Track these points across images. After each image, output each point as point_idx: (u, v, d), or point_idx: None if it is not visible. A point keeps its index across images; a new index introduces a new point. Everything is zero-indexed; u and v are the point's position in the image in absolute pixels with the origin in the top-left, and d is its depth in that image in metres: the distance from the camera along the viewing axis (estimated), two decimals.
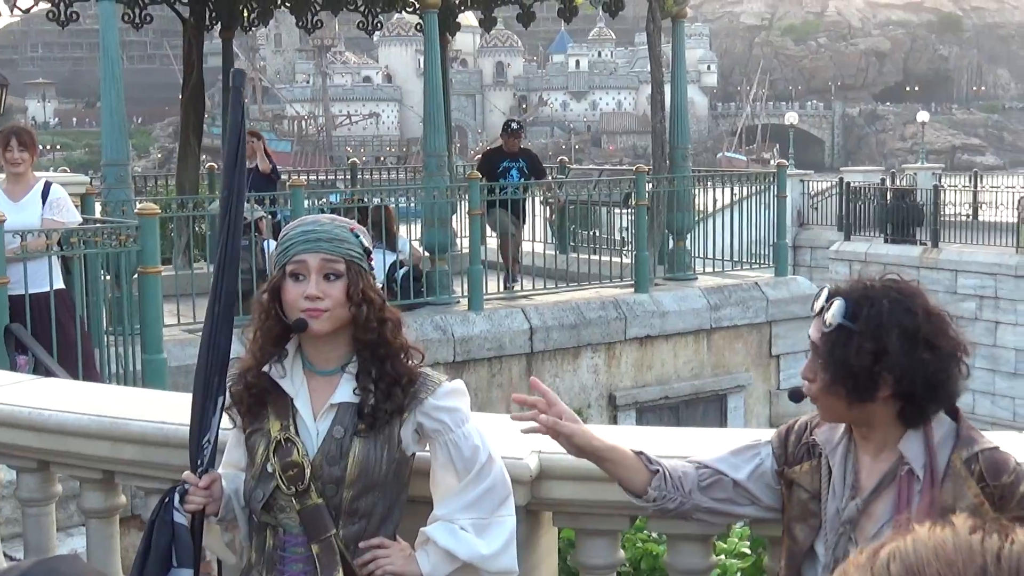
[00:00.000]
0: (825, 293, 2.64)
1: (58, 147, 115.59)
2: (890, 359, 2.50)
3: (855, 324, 2.54)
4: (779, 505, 2.86)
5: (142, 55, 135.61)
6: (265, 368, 3.00)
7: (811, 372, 2.62)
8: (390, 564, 2.97)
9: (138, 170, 49.93)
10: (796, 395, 2.74)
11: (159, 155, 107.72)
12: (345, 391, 2.97)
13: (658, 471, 2.89)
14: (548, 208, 15.66)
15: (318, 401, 3.00)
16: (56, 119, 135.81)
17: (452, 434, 3.00)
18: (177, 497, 3.01)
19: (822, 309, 2.58)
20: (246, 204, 12.54)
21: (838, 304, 2.56)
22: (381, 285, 6.15)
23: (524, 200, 13.92)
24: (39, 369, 8.18)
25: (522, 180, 13.67)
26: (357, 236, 3.01)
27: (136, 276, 9.37)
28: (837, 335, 2.55)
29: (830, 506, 2.70)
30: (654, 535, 6.03)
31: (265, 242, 12.59)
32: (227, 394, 3.04)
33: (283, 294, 2.94)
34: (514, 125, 14.58)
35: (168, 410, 3.86)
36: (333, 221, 3.03)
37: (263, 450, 2.97)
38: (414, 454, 3.08)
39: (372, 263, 3.04)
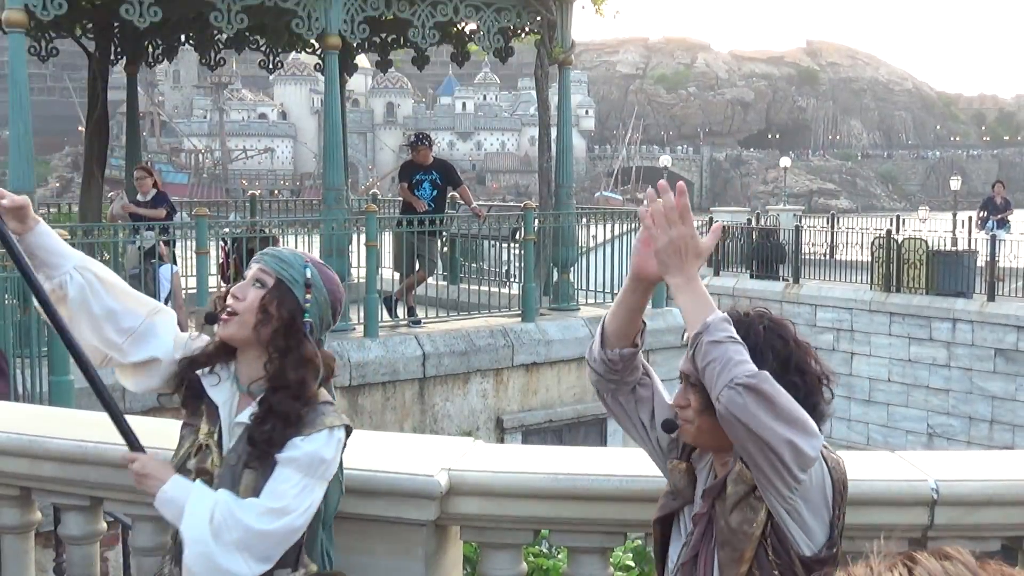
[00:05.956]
0: None
1: None
2: None
3: None
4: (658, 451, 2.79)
5: (42, 87, 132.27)
6: (200, 372, 2.91)
7: (683, 399, 2.55)
8: (142, 465, 2.87)
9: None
10: (669, 425, 2.62)
11: (57, 184, 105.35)
12: (247, 413, 2.82)
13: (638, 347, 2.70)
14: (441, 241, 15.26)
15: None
16: None
17: (286, 468, 2.75)
18: None
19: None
20: (148, 233, 12.38)
21: None
22: None
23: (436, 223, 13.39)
24: None
25: (435, 192, 13.29)
26: (306, 266, 2.90)
27: None
28: None
29: (688, 512, 2.66)
30: (544, 549, 6.05)
31: (161, 267, 12.37)
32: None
33: None
34: (413, 138, 13.73)
35: (85, 428, 3.77)
36: (294, 252, 2.94)
37: (188, 446, 2.89)
38: None
39: (309, 297, 2.86)
